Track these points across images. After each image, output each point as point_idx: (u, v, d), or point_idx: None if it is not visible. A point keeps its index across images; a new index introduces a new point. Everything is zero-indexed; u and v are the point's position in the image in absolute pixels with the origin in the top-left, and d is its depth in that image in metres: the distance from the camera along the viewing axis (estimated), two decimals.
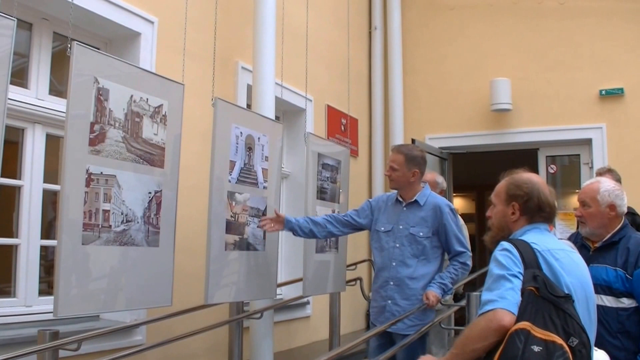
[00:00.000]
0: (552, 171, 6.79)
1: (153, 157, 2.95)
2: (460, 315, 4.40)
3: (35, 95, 3.37)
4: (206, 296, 3.16)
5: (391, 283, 3.40)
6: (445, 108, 7.00)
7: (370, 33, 7.13)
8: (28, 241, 3.28)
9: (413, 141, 6.39)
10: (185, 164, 3.25)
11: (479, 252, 9.57)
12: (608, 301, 2.66)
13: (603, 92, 6.38)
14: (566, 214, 6.21)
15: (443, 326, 3.74)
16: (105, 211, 2.68)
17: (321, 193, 4.19)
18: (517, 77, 6.63)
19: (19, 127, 3.29)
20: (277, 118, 5.00)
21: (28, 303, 3.26)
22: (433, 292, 3.31)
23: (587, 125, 6.43)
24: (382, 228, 3.49)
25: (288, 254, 5.28)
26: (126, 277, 2.79)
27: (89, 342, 3.02)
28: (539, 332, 1.74)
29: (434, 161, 6.70)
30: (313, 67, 4.96)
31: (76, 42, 2.57)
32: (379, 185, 6.75)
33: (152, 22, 3.86)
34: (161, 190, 2.99)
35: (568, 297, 1.84)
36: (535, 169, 6.66)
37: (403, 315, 3.27)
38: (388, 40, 7.05)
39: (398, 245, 3.42)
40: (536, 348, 1.71)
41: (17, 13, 2.50)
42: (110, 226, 2.71)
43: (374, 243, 3.55)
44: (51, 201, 3.50)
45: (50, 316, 3.01)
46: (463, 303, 3.69)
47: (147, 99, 2.92)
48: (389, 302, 3.40)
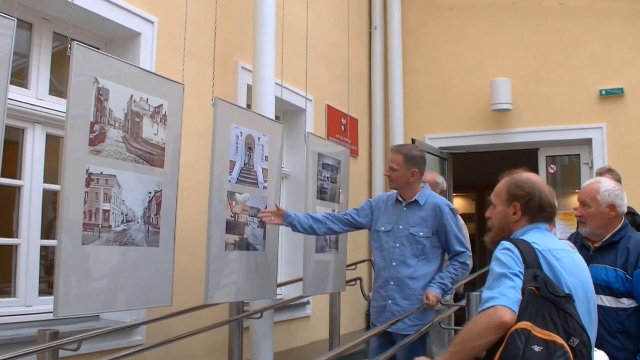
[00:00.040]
0: (552, 171, 6.79)
1: (153, 157, 2.95)
2: (460, 315, 4.40)
3: (35, 95, 3.37)
4: (206, 296, 3.16)
5: (391, 283, 3.41)
6: (445, 108, 7.00)
7: (370, 33, 7.13)
8: (28, 241, 3.28)
9: (413, 141, 6.39)
10: (185, 164, 3.25)
11: (479, 252, 9.56)
12: (608, 301, 2.65)
13: (603, 92, 6.37)
14: (566, 214, 6.21)
15: (443, 326, 3.74)
16: (105, 211, 2.68)
17: (321, 193, 4.19)
18: (517, 77, 6.63)
19: (19, 127, 3.29)
20: (277, 118, 5.00)
21: (28, 303, 3.26)
22: (433, 292, 3.31)
23: (587, 125, 6.43)
24: (382, 228, 3.50)
25: (288, 254, 5.28)
26: (126, 277, 2.79)
27: (89, 342, 3.02)
28: (540, 332, 1.73)
29: (434, 161, 6.70)
30: (313, 67, 4.96)
31: (76, 42, 2.57)
32: (379, 185, 6.75)
33: (152, 22, 3.86)
34: (161, 190, 2.99)
35: (568, 297, 1.84)
36: (535, 169, 6.66)
37: (403, 315, 3.27)
38: (388, 40, 7.05)
39: (398, 245, 3.42)
40: (537, 348, 1.71)
41: (17, 13, 2.50)
42: (110, 226, 2.71)
43: (374, 243, 3.55)
44: (51, 201, 3.50)
45: (50, 316, 3.01)
46: (463, 303, 3.69)
47: (147, 99, 2.92)
48: (389, 302, 3.40)
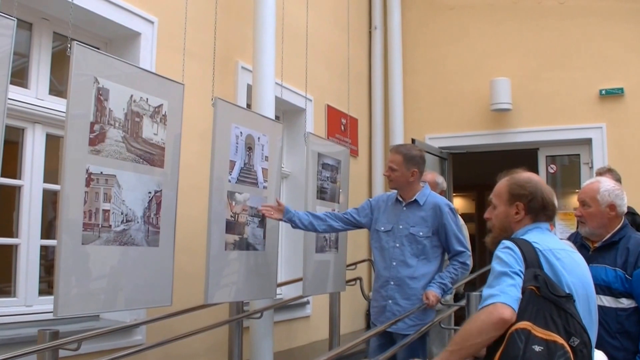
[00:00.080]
0: (552, 171, 6.79)
1: (153, 157, 2.95)
2: (460, 315, 4.40)
3: (35, 95, 3.37)
4: (206, 296, 3.16)
5: (392, 283, 3.41)
6: (445, 108, 6.99)
7: (370, 33, 7.13)
8: (28, 241, 3.28)
9: (413, 141, 6.39)
10: (185, 164, 3.25)
11: (479, 252, 9.56)
12: (607, 301, 2.65)
13: (603, 92, 6.37)
14: (566, 214, 6.21)
15: (443, 326, 3.74)
16: (105, 211, 2.68)
17: (321, 193, 4.19)
18: (517, 77, 6.63)
19: (19, 127, 3.29)
20: (277, 118, 5.01)
21: (28, 303, 3.26)
22: (433, 292, 3.31)
23: (587, 125, 6.43)
24: (382, 228, 3.50)
25: (288, 254, 5.28)
26: (126, 277, 2.79)
27: (89, 342, 3.02)
28: (540, 332, 1.73)
29: (434, 161, 6.70)
30: (313, 67, 4.96)
31: (76, 42, 2.57)
32: (379, 185, 6.75)
33: (152, 22, 3.86)
34: (161, 190, 2.99)
35: (569, 297, 1.84)
36: (535, 169, 6.66)
37: (403, 315, 3.27)
38: (388, 40, 7.04)
39: (398, 245, 3.42)
40: (537, 348, 1.71)
41: (17, 13, 2.50)
42: (110, 226, 2.71)
43: (374, 243, 3.55)
44: (51, 201, 3.50)
45: (50, 316, 3.01)
46: (463, 303, 3.69)
47: (147, 99, 2.92)
48: (390, 302, 3.40)
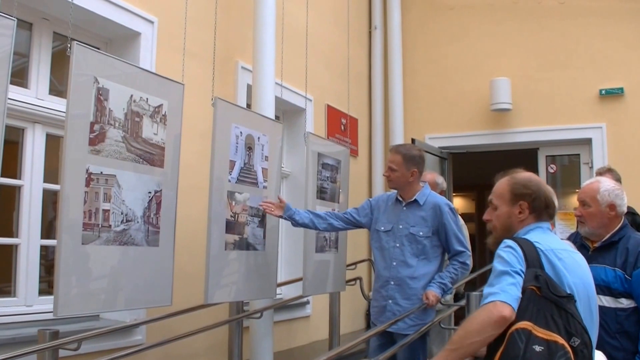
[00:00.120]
0: (552, 171, 6.79)
1: (153, 157, 2.95)
2: (460, 315, 4.40)
3: (35, 95, 3.37)
4: (206, 296, 3.16)
5: (392, 283, 3.41)
6: (445, 108, 7.00)
7: (370, 33, 7.13)
8: (28, 241, 3.28)
9: (413, 141, 6.39)
10: (185, 164, 3.25)
11: (479, 252, 9.57)
12: (607, 301, 2.65)
13: (603, 92, 6.37)
14: (566, 214, 6.21)
15: (443, 326, 3.74)
16: (105, 211, 2.68)
17: (321, 193, 4.19)
18: (517, 77, 6.63)
19: (19, 127, 3.29)
20: (277, 118, 5.01)
21: (28, 303, 3.26)
22: (433, 292, 3.31)
23: (587, 124, 6.43)
24: (382, 228, 3.50)
25: (288, 254, 5.28)
26: (126, 277, 2.79)
27: (89, 342, 3.02)
28: (541, 332, 1.73)
29: (434, 161, 6.70)
30: (313, 67, 4.96)
31: (76, 42, 2.57)
32: (379, 185, 6.75)
33: (152, 22, 3.86)
34: (161, 189, 2.99)
35: (570, 297, 1.83)
36: (535, 169, 6.67)
37: (403, 314, 3.27)
38: (388, 40, 7.04)
39: (398, 245, 3.42)
40: (538, 348, 1.70)
41: (17, 13, 2.50)
42: (110, 226, 2.71)
43: (374, 243, 3.55)
44: (51, 201, 3.50)
45: (50, 316, 3.00)
46: (463, 303, 3.69)
47: (147, 99, 2.92)
48: (390, 302, 3.40)
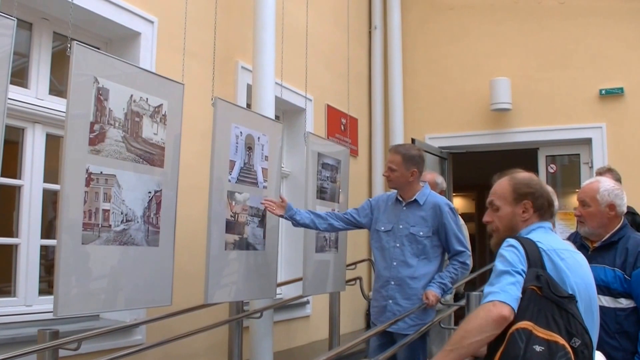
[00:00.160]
0: (552, 171, 6.79)
1: (153, 157, 2.95)
2: (460, 315, 4.40)
3: (35, 95, 3.37)
4: (206, 296, 3.16)
5: (392, 283, 3.41)
6: (445, 108, 7.00)
7: (370, 33, 7.13)
8: (28, 241, 3.28)
9: (413, 141, 6.39)
10: (185, 164, 3.25)
11: (479, 252, 9.58)
12: (606, 301, 2.65)
13: (603, 92, 6.37)
14: (566, 214, 6.21)
15: (443, 326, 3.74)
16: (105, 211, 2.68)
17: (321, 192, 4.19)
18: (517, 77, 6.63)
19: (19, 127, 3.29)
20: (277, 118, 5.01)
21: (28, 302, 3.26)
22: (432, 292, 3.31)
23: (587, 124, 6.43)
24: (382, 228, 3.50)
25: (288, 254, 5.28)
26: (126, 277, 2.79)
27: (89, 342, 3.02)
28: (542, 332, 1.73)
29: (434, 161, 6.70)
30: (313, 67, 4.96)
31: (76, 42, 2.58)
32: (379, 184, 6.75)
33: (152, 22, 3.86)
34: (161, 189, 2.99)
35: (572, 298, 1.82)
36: (535, 169, 6.67)
37: (403, 314, 3.27)
38: (388, 39, 7.04)
39: (398, 245, 3.42)
40: (538, 348, 1.70)
41: (17, 13, 2.50)
42: (110, 226, 2.71)
43: (374, 243, 3.55)
44: (51, 201, 3.50)
45: (50, 316, 3.00)
46: (463, 302, 3.69)
47: (147, 99, 2.92)
48: (390, 302, 3.40)
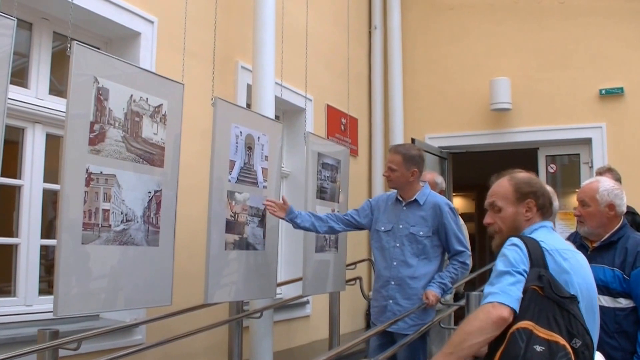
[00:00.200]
0: (552, 171, 6.79)
1: (153, 157, 2.95)
2: (460, 315, 4.40)
3: (35, 95, 3.37)
4: (206, 295, 3.16)
5: (392, 283, 3.41)
6: (445, 108, 7.00)
7: (370, 33, 7.13)
8: (28, 241, 3.28)
9: (413, 141, 6.39)
10: (185, 164, 3.25)
11: (479, 252, 9.58)
12: (605, 301, 2.65)
13: (603, 92, 6.37)
14: (566, 214, 6.20)
15: (443, 326, 3.74)
16: (105, 210, 2.69)
17: (321, 192, 4.19)
18: (517, 77, 6.63)
19: (19, 127, 3.29)
20: (277, 118, 5.01)
21: (28, 302, 3.26)
22: (432, 292, 3.31)
23: (587, 124, 6.43)
24: (382, 228, 3.50)
25: (288, 254, 5.28)
26: (126, 277, 2.79)
27: (89, 342, 3.02)
28: (542, 332, 1.72)
29: (434, 161, 6.70)
30: (313, 67, 4.96)
31: (76, 42, 2.58)
32: (379, 184, 6.75)
33: (152, 22, 3.86)
34: (161, 189, 2.99)
35: (573, 298, 1.82)
36: (535, 169, 6.67)
37: (403, 314, 3.27)
38: (388, 39, 7.04)
39: (398, 244, 3.42)
40: (538, 348, 1.70)
41: (17, 13, 2.50)
42: (110, 226, 2.71)
43: (375, 243, 3.55)
44: (51, 201, 3.50)
45: (50, 315, 3.01)
46: (463, 302, 3.69)
47: (147, 99, 2.92)
48: (390, 302, 3.40)
